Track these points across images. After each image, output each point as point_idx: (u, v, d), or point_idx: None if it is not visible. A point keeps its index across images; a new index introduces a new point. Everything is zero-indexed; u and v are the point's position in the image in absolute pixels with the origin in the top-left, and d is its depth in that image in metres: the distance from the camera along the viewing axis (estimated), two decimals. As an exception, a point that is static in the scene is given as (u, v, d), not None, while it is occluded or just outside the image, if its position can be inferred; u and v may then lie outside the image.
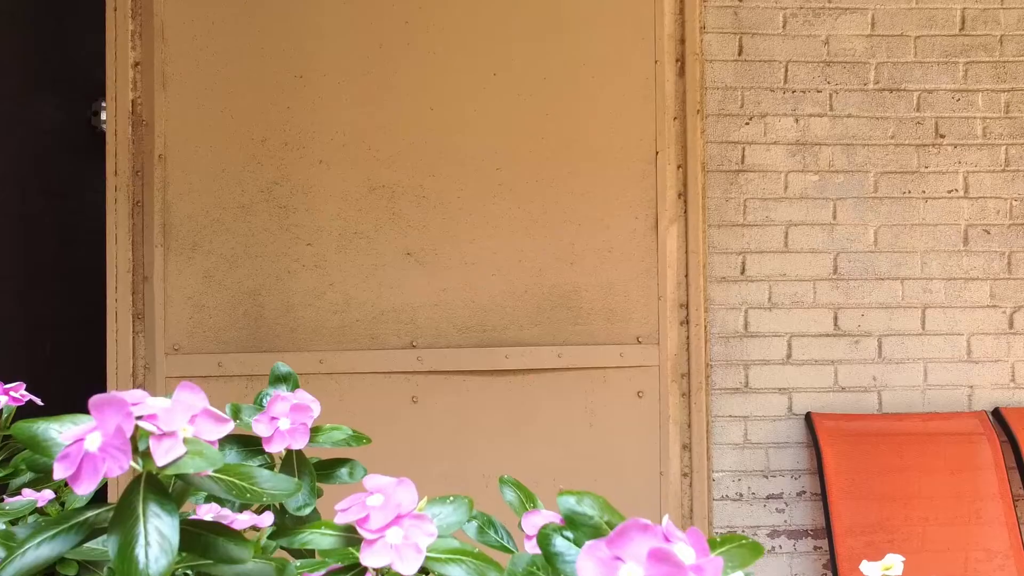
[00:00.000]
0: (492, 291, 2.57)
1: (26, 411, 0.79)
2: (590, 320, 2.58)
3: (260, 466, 0.71)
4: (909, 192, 2.68)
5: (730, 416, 2.63)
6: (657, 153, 2.60)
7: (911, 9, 2.70)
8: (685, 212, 2.62)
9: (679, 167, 2.62)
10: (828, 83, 2.69)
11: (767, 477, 2.63)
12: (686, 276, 2.61)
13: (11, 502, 0.67)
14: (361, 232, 2.56)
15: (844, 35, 2.69)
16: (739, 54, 2.67)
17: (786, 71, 2.68)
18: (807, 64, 2.69)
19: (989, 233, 2.69)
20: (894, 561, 0.65)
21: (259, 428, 0.69)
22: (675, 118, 2.62)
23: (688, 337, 2.61)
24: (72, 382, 3.26)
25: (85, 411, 0.46)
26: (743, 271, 2.66)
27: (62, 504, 0.71)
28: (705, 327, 2.62)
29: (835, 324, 2.66)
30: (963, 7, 2.71)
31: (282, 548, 0.57)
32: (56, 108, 3.75)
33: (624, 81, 2.60)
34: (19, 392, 0.71)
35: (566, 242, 2.58)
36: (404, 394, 2.54)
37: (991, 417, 2.63)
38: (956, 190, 2.69)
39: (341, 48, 2.56)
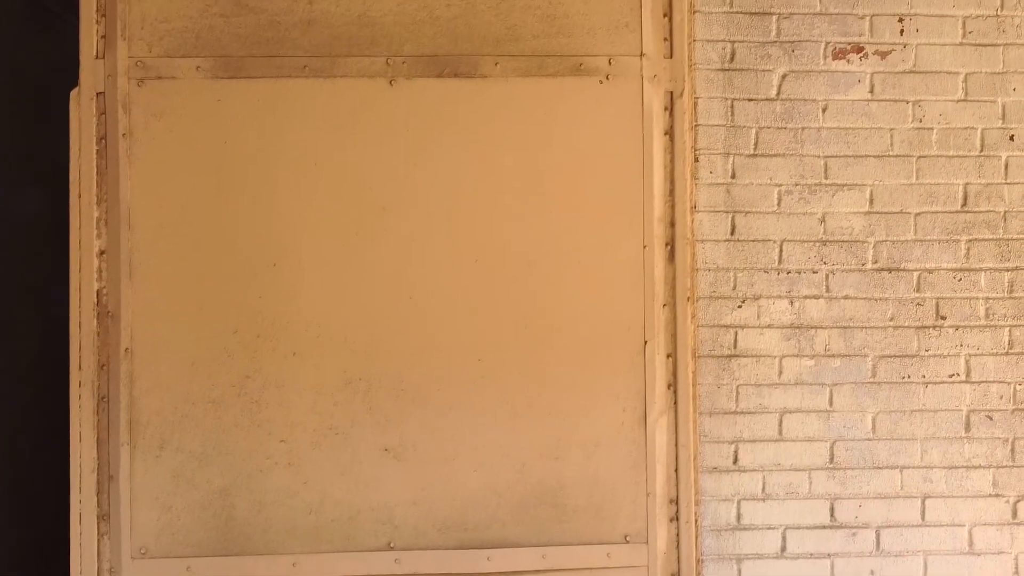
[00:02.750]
0: (473, 488, 2.46)
1: None
2: (575, 518, 2.47)
3: None
4: (909, 377, 2.58)
5: (722, 615, 2.52)
6: (646, 343, 2.49)
7: (911, 185, 2.59)
8: (675, 403, 2.51)
9: (668, 356, 2.51)
10: (824, 263, 2.58)
11: None
12: (676, 470, 2.50)
13: None
14: (336, 427, 2.45)
15: (841, 213, 2.58)
16: (732, 233, 2.57)
17: (781, 251, 2.57)
18: (802, 244, 2.58)
19: (992, 419, 2.58)
20: None
21: None
22: (664, 305, 2.51)
23: (678, 534, 2.50)
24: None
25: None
26: (736, 460, 2.55)
27: None
28: (696, 522, 2.51)
29: (831, 515, 2.55)
30: (965, 182, 2.60)
31: None
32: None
33: (612, 267, 2.49)
34: None
35: (551, 435, 2.48)
36: (381, 597, 2.44)
37: (994, 615, 2.53)
38: (957, 374, 2.58)
39: (317, 235, 2.46)
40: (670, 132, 2.52)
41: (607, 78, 2.50)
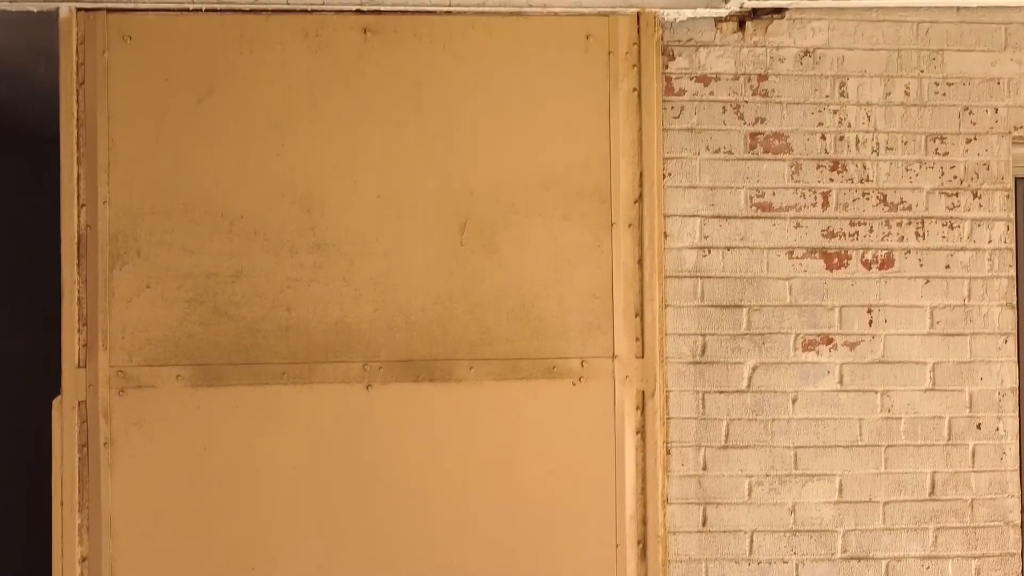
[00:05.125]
0: None
1: None
2: None
3: None
4: (877, 665, 2.62)
5: None
6: (618, 642, 2.54)
7: (880, 474, 2.64)
8: None
9: (641, 653, 2.56)
10: (794, 553, 2.62)
11: None
12: None
13: None
14: None
15: (811, 503, 2.63)
16: (703, 525, 2.61)
17: (751, 541, 2.62)
18: (773, 534, 2.62)
19: None
20: None
21: None
22: (637, 602, 2.56)
23: None
24: None
25: None
26: None
27: None
28: None
29: None
30: (933, 471, 2.65)
31: None
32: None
33: (585, 565, 2.53)
34: None
35: None
36: None
37: None
38: (925, 661, 2.63)
39: (295, 538, 2.50)
40: (642, 431, 2.57)
41: (580, 380, 2.55)
